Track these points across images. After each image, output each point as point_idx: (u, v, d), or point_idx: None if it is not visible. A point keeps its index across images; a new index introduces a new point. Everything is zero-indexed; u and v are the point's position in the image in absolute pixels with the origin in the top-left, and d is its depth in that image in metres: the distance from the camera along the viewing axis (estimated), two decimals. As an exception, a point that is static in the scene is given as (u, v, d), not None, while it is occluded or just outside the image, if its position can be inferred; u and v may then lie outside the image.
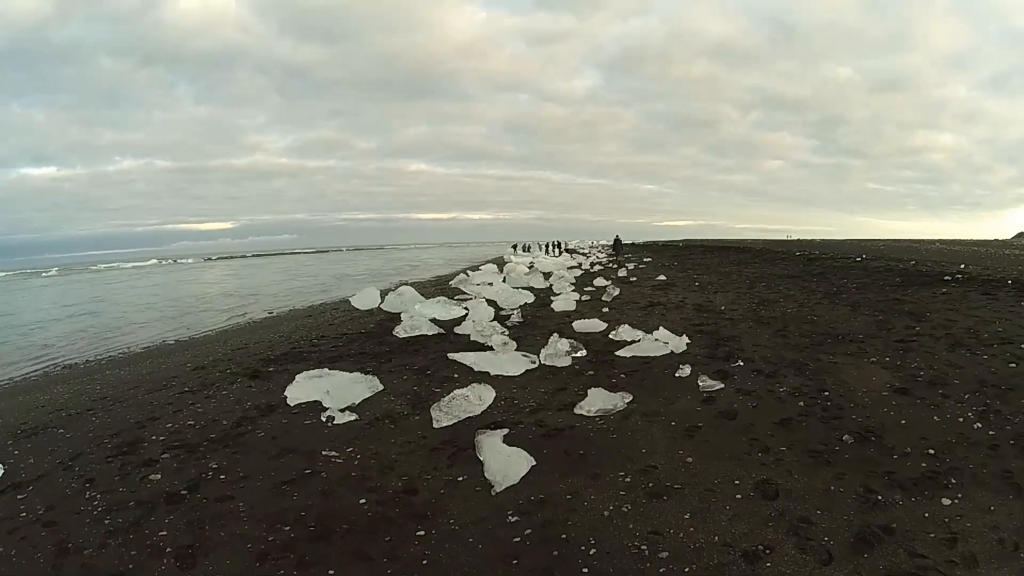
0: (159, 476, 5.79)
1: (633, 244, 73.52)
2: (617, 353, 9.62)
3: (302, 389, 7.83)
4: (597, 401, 6.94)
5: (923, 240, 56.84)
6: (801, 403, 6.97)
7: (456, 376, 8.71)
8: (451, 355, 9.43)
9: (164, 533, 4.73)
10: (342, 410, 7.27)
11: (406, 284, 21.21)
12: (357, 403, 7.62)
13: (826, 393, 7.28)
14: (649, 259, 40.89)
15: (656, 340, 9.86)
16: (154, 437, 6.91)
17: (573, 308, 15.09)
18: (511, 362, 8.80)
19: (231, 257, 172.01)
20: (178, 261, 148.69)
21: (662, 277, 23.82)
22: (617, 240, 54.85)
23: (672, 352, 9.52)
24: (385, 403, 7.69)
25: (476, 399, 7.01)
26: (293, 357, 10.98)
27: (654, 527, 4.48)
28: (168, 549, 4.49)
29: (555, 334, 9.85)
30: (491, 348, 10.13)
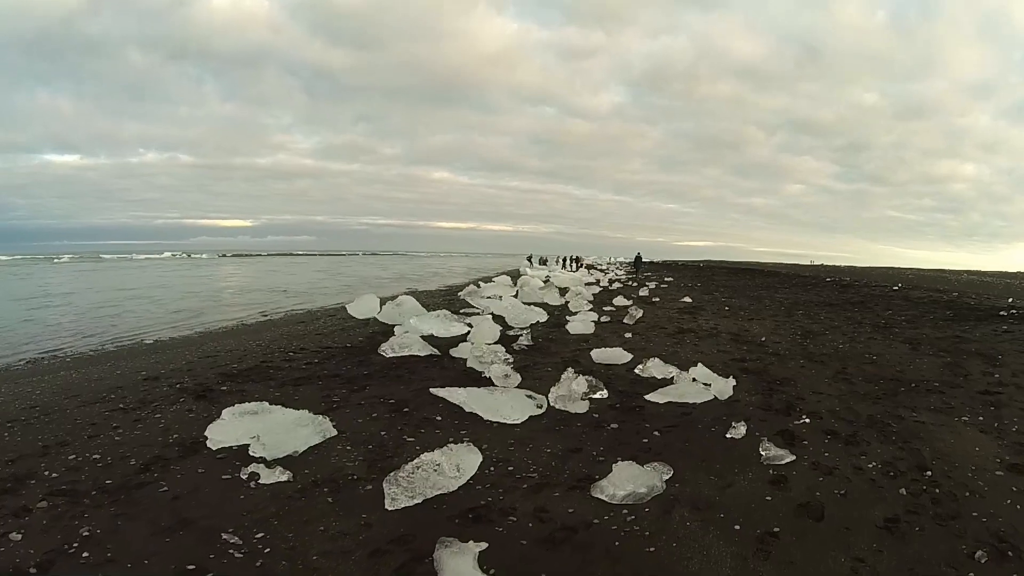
0: (19, 537, 4.20)
1: (652, 262, 73.03)
2: (648, 397, 7.68)
3: (228, 429, 5.97)
4: (625, 480, 4.80)
5: (949, 271, 55.77)
6: (903, 490, 5.05)
7: (439, 418, 6.84)
8: (435, 390, 7.47)
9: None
10: (272, 464, 5.42)
11: (407, 294, 19.37)
12: (300, 452, 5.77)
13: (928, 473, 5.40)
14: (671, 278, 39.77)
15: (695, 381, 7.98)
16: (48, 472, 5.36)
17: (591, 331, 13.23)
18: (512, 403, 6.81)
19: (247, 255, 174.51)
20: (192, 256, 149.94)
21: (687, 299, 22.39)
22: (638, 257, 55.44)
23: (716, 398, 7.62)
24: (334, 457, 5.76)
25: (452, 469, 4.92)
26: (256, 374, 9.31)
27: None
28: None
29: (569, 368, 7.90)
30: (490, 380, 8.22)
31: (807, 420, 6.84)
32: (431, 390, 7.45)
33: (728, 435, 6.27)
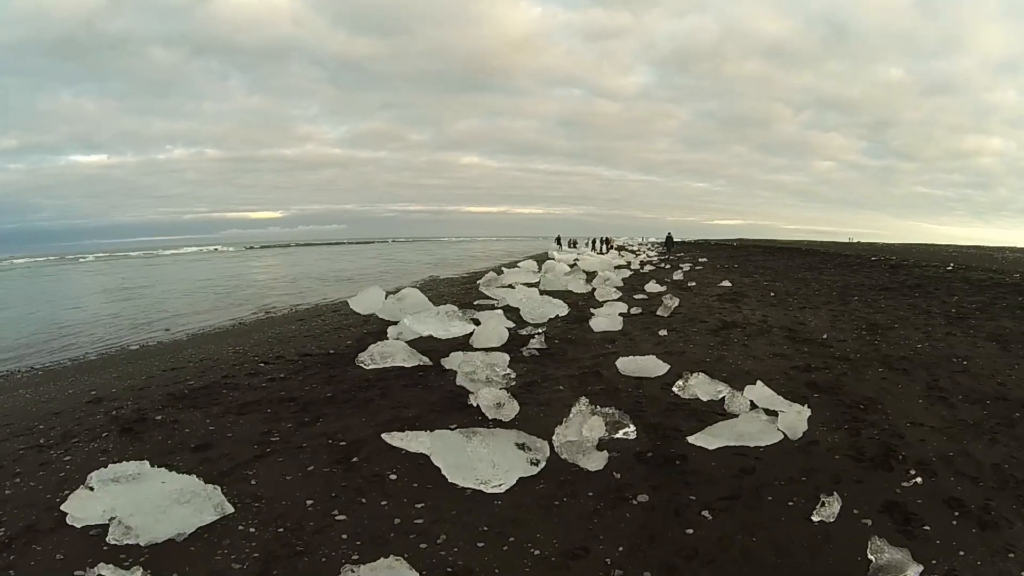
0: None
1: (684, 242, 71.56)
2: (692, 441, 5.47)
3: (90, 504, 4.19)
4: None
5: (988, 247, 53.23)
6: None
7: (393, 477, 4.88)
8: (389, 436, 5.37)
9: None
10: (132, 564, 3.69)
11: (429, 281, 17.64)
12: (186, 535, 4.04)
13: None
14: (704, 259, 37.28)
15: (753, 407, 5.99)
16: None
17: (618, 328, 11.13)
18: (495, 457, 4.70)
19: (273, 246, 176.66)
20: (218, 250, 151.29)
21: (726, 283, 19.96)
22: (669, 238, 54.49)
23: (785, 437, 5.55)
24: (223, 549, 3.93)
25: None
26: (207, 395, 7.67)
27: None
28: None
29: (582, 400, 5.57)
30: (478, 410, 6.26)
31: (918, 480, 4.74)
32: (384, 436, 5.37)
33: (815, 517, 4.17)
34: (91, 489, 4.23)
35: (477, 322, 10.47)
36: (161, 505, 4.09)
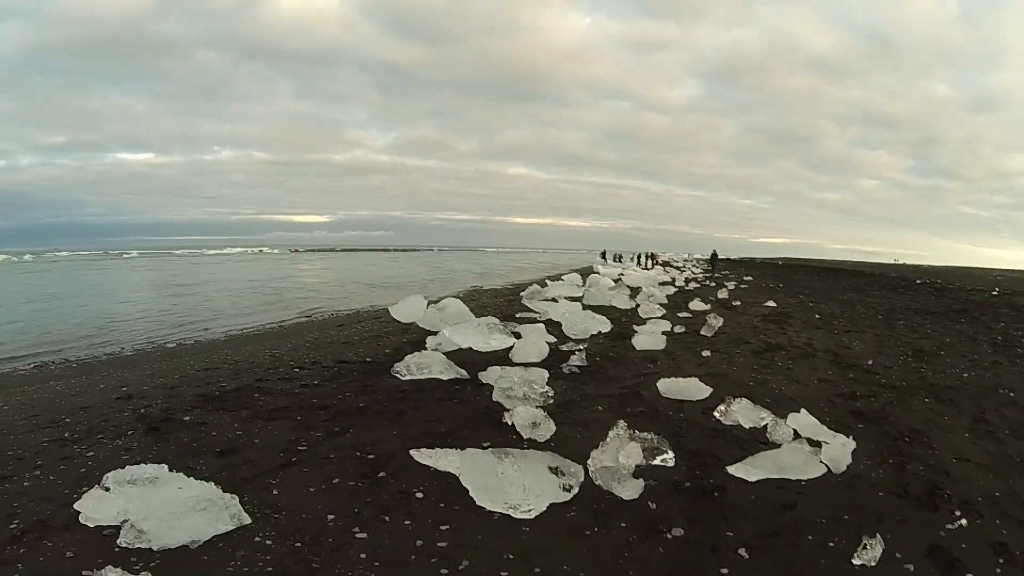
0: None
1: (729, 260, 71.03)
2: (732, 471, 5.15)
3: (104, 504, 4.08)
4: None
5: None
6: None
7: (419, 495, 4.67)
8: (418, 453, 5.18)
9: None
10: (140, 567, 3.60)
11: (472, 291, 17.53)
12: (200, 542, 3.89)
13: None
14: (750, 278, 37.38)
15: (799, 440, 5.69)
16: None
17: (661, 347, 10.80)
18: (526, 480, 4.46)
19: (318, 250, 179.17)
20: (263, 251, 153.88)
21: (771, 303, 19.50)
22: (714, 255, 55.50)
23: (829, 471, 5.23)
24: (236, 560, 3.77)
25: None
26: (238, 397, 7.57)
27: None
28: None
29: (620, 423, 5.31)
30: (512, 428, 6.04)
31: (963, 522, 4.41)
32: (412, 452, 5.19)
33: (856, 560, 3.86)
34: (107, 489, 4.13)
35: (518, 335, 10.23)
36: (176, 511, 3.94)
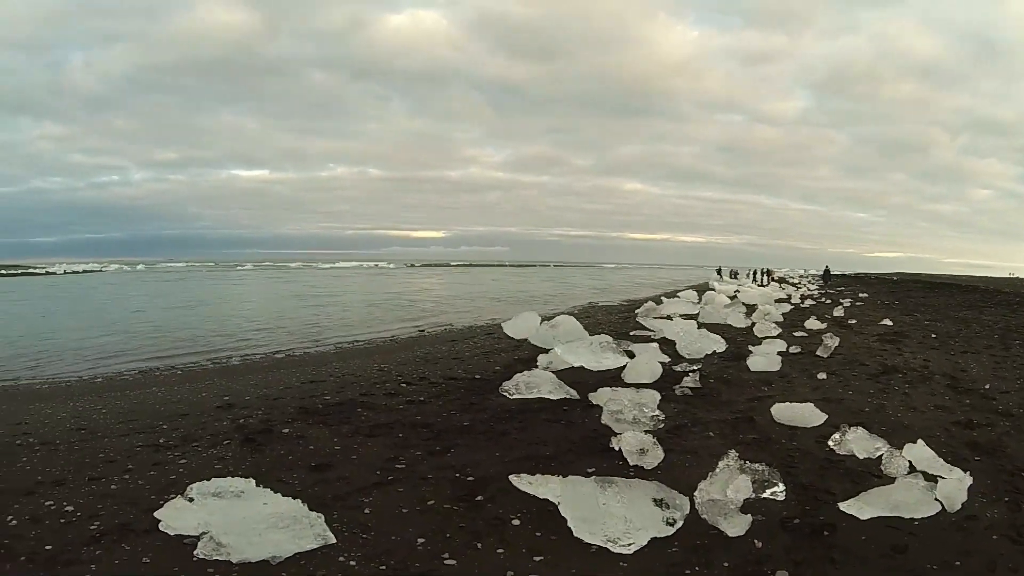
0: None
1: (843, 275, 68.98)
2: (844, 508, 4.53)
3: (186, 515, 3.98)
4: None
5: None
6: None
7: (516, 523, 4.31)
8: (517, 479, 4.74)
9: None
10: None
11: (588, 307, 17.23)
12: (273, 560, 3.72)
13: None
14: (865, 295, 35.31)
15: (913, 474, 5.10)
16: (9, 519, 4.37)
17: (776, 368, 10.14)
18: (628, 512, 4.06)
19: (433, 265, 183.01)
20: (378, 265, 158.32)
21: (887, 321, 18.46)
22: (827, 270, 55.06)
23: (943, 509, 4.65)
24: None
25: None
26: (340, 412, 7.51)
27: None
28: None
29: (731, 453, 4.79)
30: (618, 453, 5.67)
31: None
32: (511, 478, 4.82)
33: None
34: (190, 500, 4.02)
35: (631, 354, 9.80)
36: (258, 527, 3.77)
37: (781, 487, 4.74)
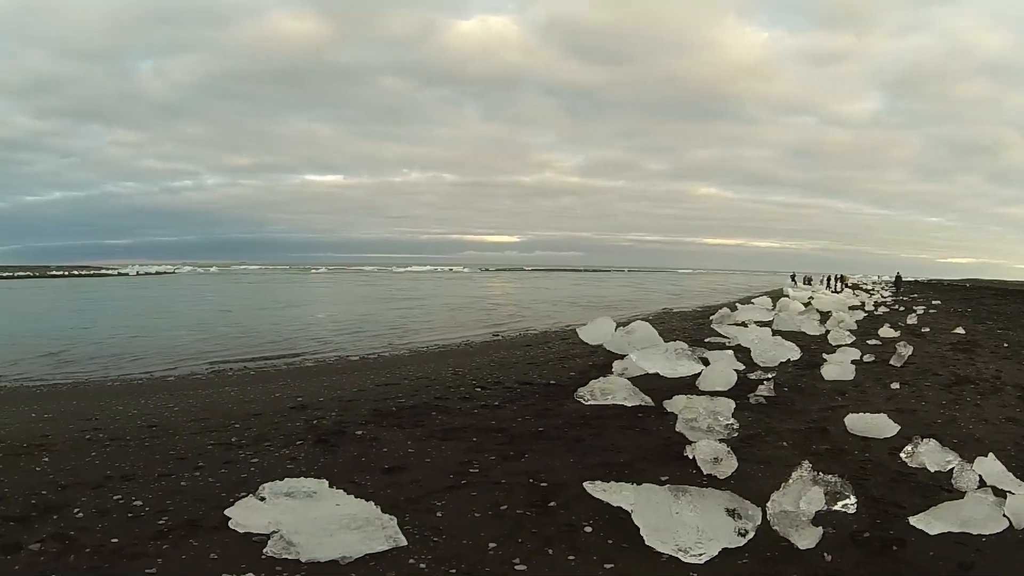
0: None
1: (916, 282, 67.35)
2: (913, 522, 4.36)
3: (256, 514, 4.09)
4: None
5: None
6: None
7: (588, 530, 4.26)
8: (591, 486, 4.66)
9: None
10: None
11: (662, 313, 17.08)
12: (343, 560, 3.74)
13: None
14: (938, 302, 34.98)
15: (983, 489, 4.88)
16: (74, 511, 4.51)
17: (850, 377, 9.88)
18: (700, 521, 3.97)
19: (507, 269, 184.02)
20: (452, 269, 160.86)
21: (960, 330, 17.92)
22: (898, 277, 54.64)
23: (1011, 525, 4.43)
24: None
25: None
26: (414, 415, 7.62)
27: None
28: None
29: (804, 464, 4.68)
30: (692, 462, 5.58)
31: None
32: (585, 485, 4.76)
33: None
34: (262, 499, 4.13)
35: (706, 362, 9.68)
36: (329, 528, 3.82)
37: (852, 500, 4.59)
